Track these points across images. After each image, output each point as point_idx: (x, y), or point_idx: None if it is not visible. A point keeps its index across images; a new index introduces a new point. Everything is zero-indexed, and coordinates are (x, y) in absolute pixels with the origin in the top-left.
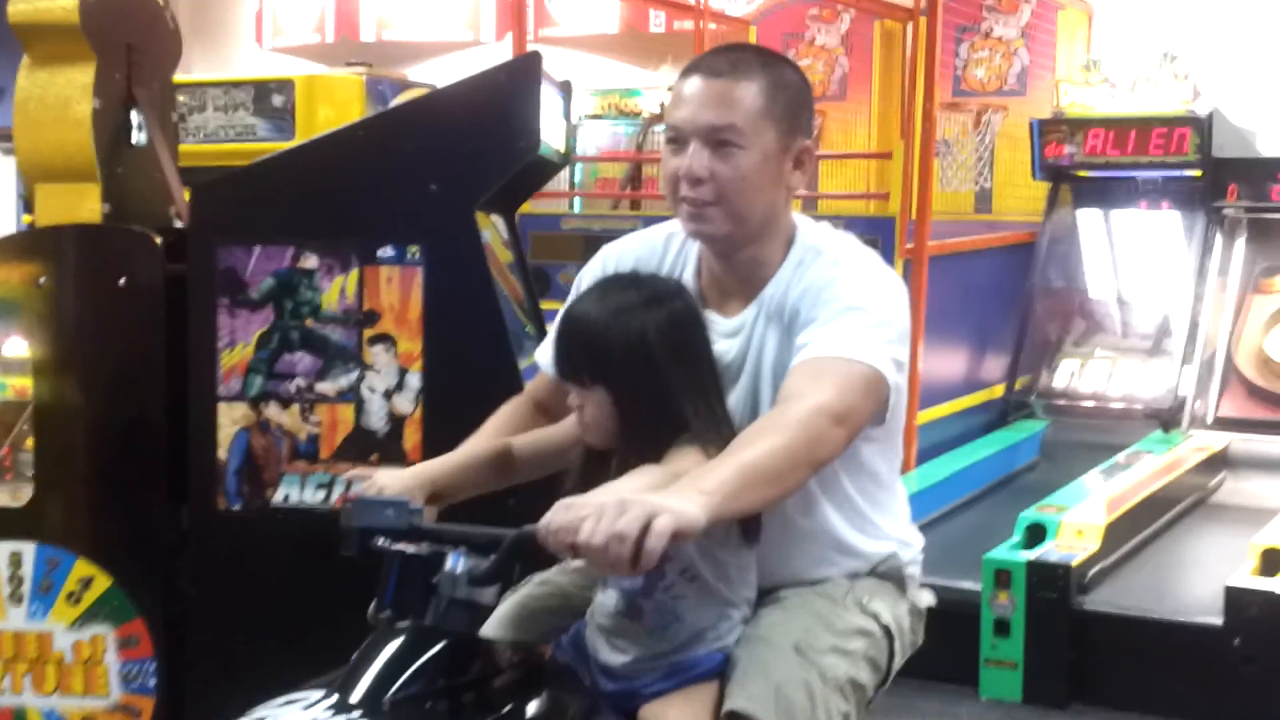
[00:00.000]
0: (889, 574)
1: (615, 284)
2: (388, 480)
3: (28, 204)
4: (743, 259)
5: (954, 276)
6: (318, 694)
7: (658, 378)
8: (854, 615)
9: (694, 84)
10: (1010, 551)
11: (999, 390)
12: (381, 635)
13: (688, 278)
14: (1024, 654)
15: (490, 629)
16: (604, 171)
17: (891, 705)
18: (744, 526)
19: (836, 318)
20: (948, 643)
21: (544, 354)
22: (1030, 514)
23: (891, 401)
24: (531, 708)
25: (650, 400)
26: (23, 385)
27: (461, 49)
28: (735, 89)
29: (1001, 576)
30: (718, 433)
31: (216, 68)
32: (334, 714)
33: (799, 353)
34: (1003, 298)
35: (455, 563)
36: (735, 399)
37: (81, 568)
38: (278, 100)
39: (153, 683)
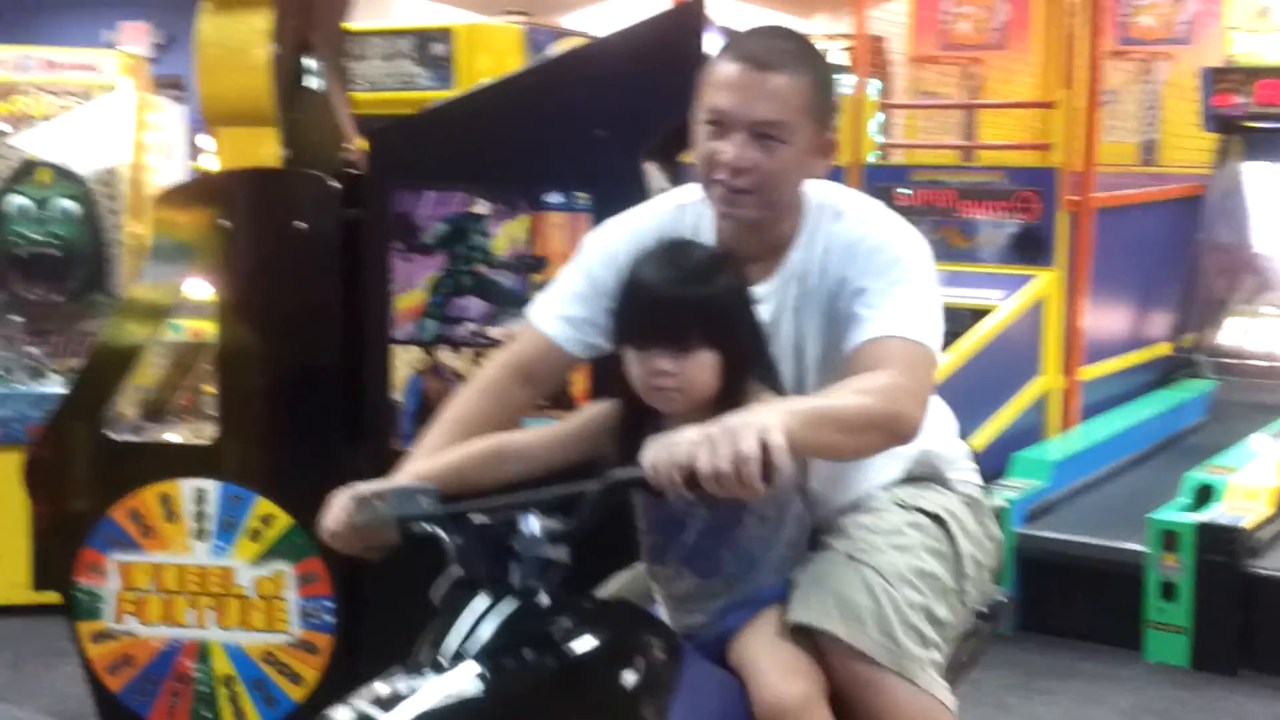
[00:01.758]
0: (925, 474)
1: (676, 250)
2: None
3: (196, 151)
4: (764, 233)
5: (1118, 230)
6: (399, 669)
7: (758, 335)
8: (895, 514)
9: (742, 73)
10: (1177, 513)
11: (1164, 348)
12: (459, 600)
13: (707, 241)
14: (1192, 618)
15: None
16: None
17: (1054, 667)
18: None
19: (891, 291)
20: (1110, 604)
21: (554, 324)
22: (1198, 474)
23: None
24: (622, 654)
25: (756, 357)
26: (198, 327)
27: None
28: (785, 84)
29: (1168, 538)
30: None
31: (379, 17)
32: (414, 677)
33: (862, 324)
34: (1169, 253)
35: (529, 524)
36: None
37: (262, 505)
38: (438, 49)
39: (330, 620)
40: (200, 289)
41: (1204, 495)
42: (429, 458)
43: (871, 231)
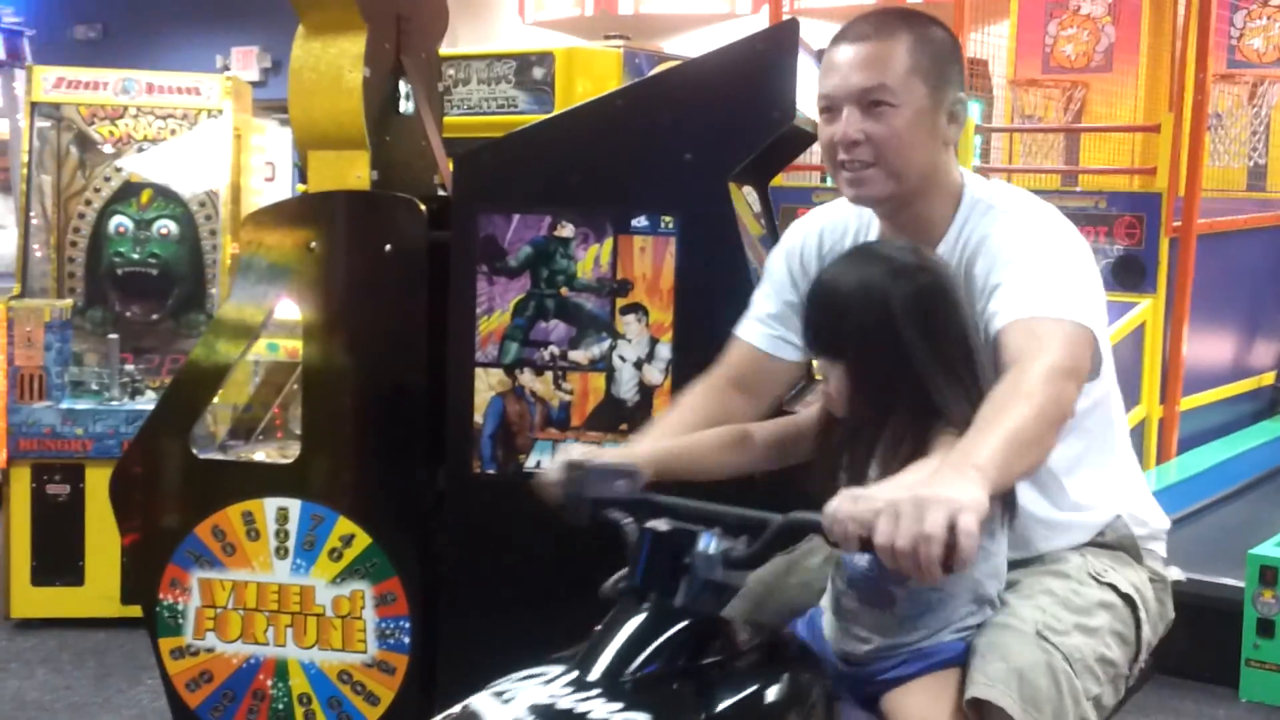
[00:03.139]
0: (1119, 544)
1: (862, 255)
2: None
3: (302, 173)
4: (909, 217)
5: (1223, 256)
6: (557, 669)
7: (900, 353)
8: (1091, 589)
9: (841, 51)
10: (1278, 548)
11: (1269, 378)
12: (624, 612)
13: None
14: None
15: (729, 605)
16: None
17: (1147, 704)
18: (1004, 502)
19: (1027, 277)
20: (1206, 641)
21: (750, 328)
22: None
23: (1100, 354)
24: (773, 691)
25: (889, 376)
26: (293, 346)
27: (718, 21)
28: (881, 49)
29: (1267, 574)
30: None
31: (481, 41)
32: (573, 691)
33: (998, 316)
34: (1274, 280)
35: (709, 543)
36: None
37: (343, 525)
38: (538, 73)
39: (407, 640)
40: (290, 309)
41: None
42: (651, 440)
43: (1018, 229)
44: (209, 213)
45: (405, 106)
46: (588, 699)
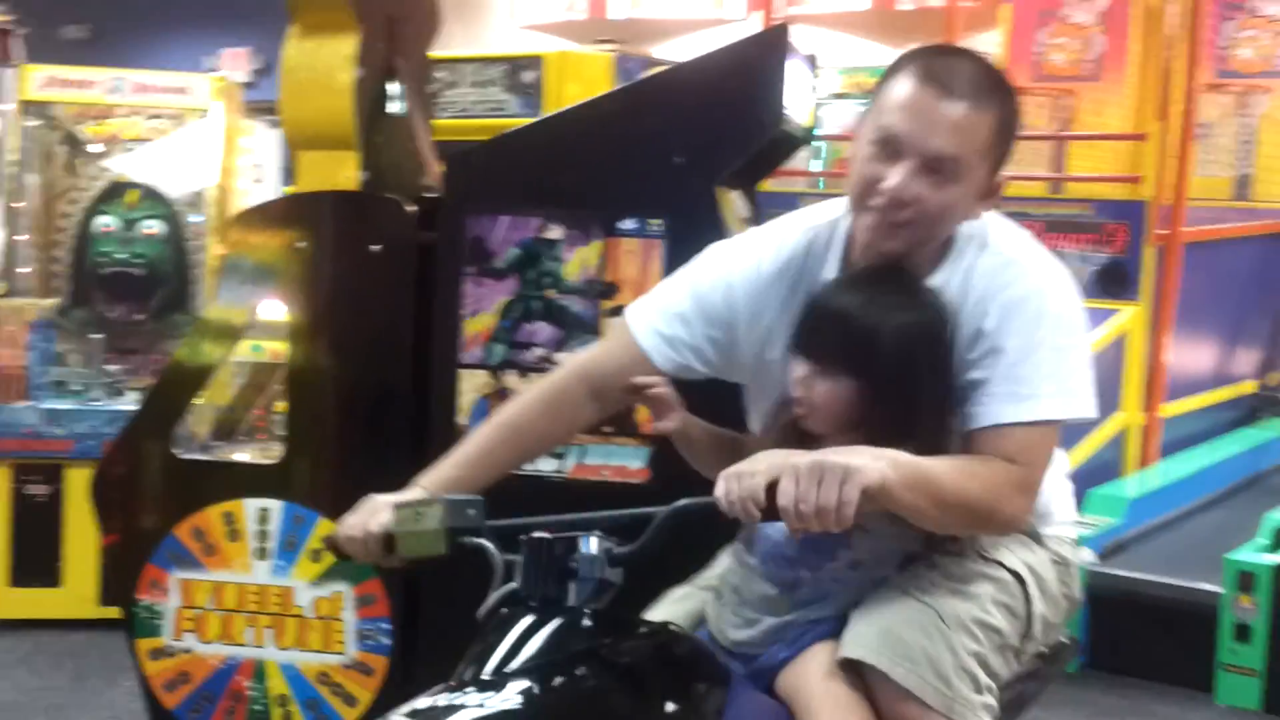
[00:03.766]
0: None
1: (876, 278)
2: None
3: (289, 175)
4: (907, 259)
5: (1208, 265)
6: (442, 684)
7: (909, 384)
8: (973, 563)
9: (925, 97)
10: (1255, 553)
11: (1250, 386)
12: (508, 616)
13: (832, 269)
14: (1266, 661)
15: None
16: (846, 151)
17: (1123, 708)
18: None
19: (1029, 356)
20: (1183, 645)
21: (643, 329)
22: (1278, 515)
23: None
24: (672, 682)
25: (896, 402)
26: (276, 348)
27: (709, 27)
28: (968, 116)
29: (1244, 579)
30: (938, 450)
31: (472, 44)
32: (449, 692)
33: (989, 402)
34: (1259, 289)
35: (589, 545)
36: None
37: (325, 526)
38: (528, 76)
39: (387, 642)
40: (276, 310)
41: None
42: (456, 466)
43: (1018, 275)
44: (197, 214)
45: (395, 108)
46: (464, 695)
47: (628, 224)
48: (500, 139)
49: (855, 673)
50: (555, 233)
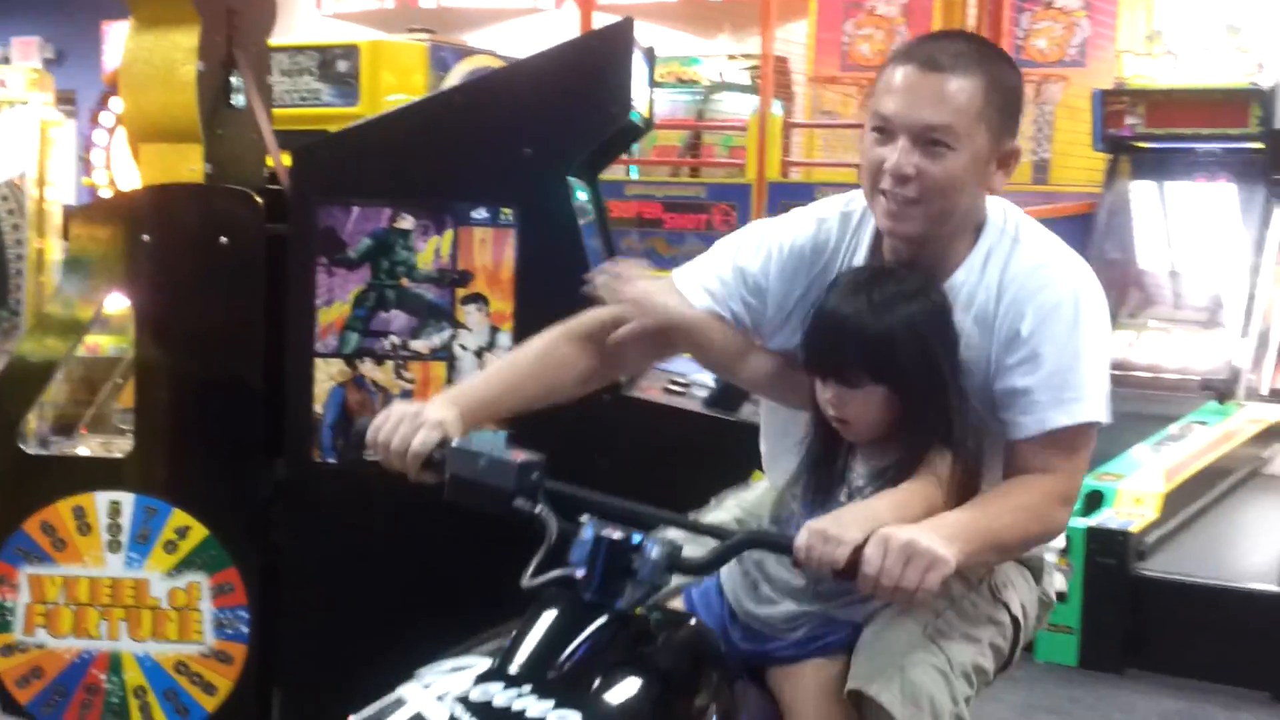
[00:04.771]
0: (1028, 560)
1: (870, 278)
2: (442, 417)
3: (87, 166)
4: (930, 248)
5: None
6: (483, 662)
7: (937, 375)
8: (986, 603)
9: (909, 75)
10: (1069, 518)
11: None
12: (548, 608)
13: (860, 259)
14: (1080, 619)
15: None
16: (661, 139)
17: None
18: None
19: (1066, 363)
20: None
21: (690, 288)
22: (1089, 481)
23: None
24: (689, 684)
25: (928, 399)
26: (98, 342)
27: (520, 16)
28: (955, 86)
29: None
30: (966, 442)
31: (279, 33)
32: (504, 686)
33: (1030, 410)
34: None
35: (653, 549)
36: None
37: (178, 518)
38: (343, 66)
39: (245, 630)
40: (115, 304)
41: (1094, 501)
42: (488, 386)
43: (1052, 277)
44: (12, 207)
45: (237, 100)
46: (520, 695)
47: (480, 214)
48: (350, 131)
49: (857, 701)
50: (407, 223)
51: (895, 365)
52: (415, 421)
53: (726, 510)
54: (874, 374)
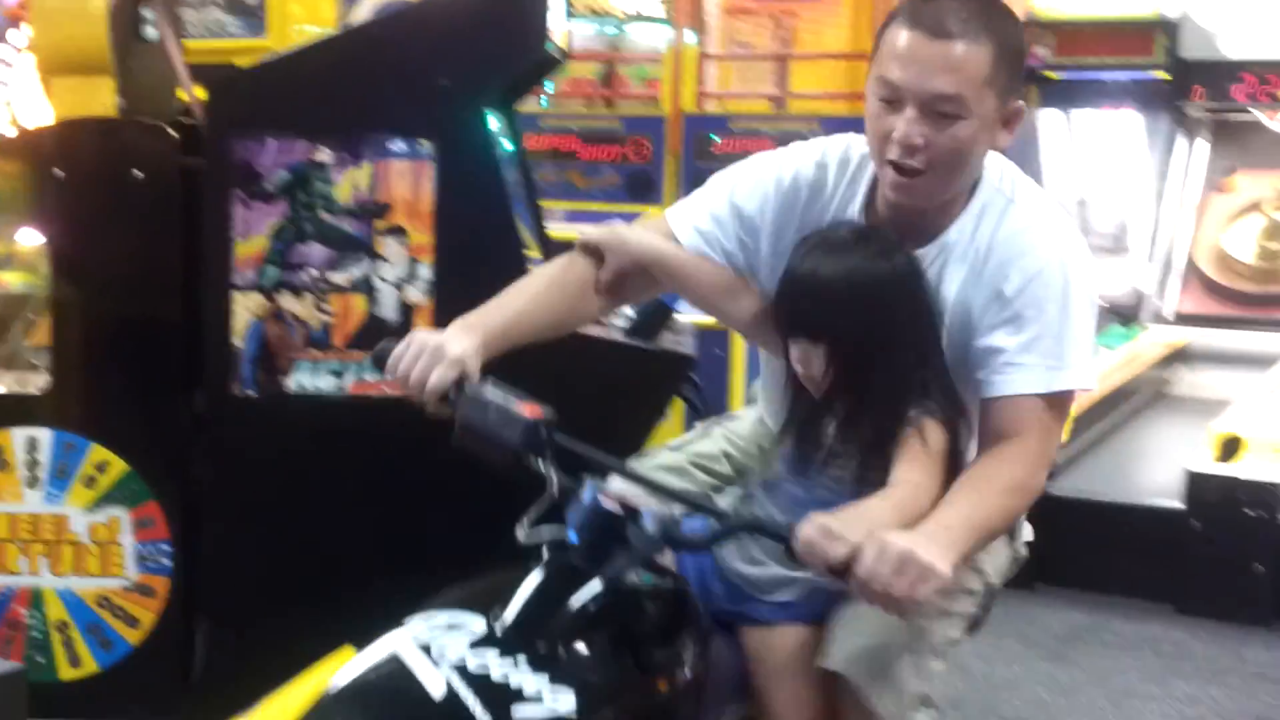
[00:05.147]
0: None
1: (836, 236)
2: (460, 353)
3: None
4: (928, 205)
5: None
6: (478, 623)
7: (891, 336)
8: (962, 574)
9: (917, 41)
10: None
11: None
12: (544, 572)
13: (854, 210)
14: None
15: (655, 474)
16: (575, 71)
17: None
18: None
19: (1047, 327)
20: None
21: (683, 225)
22: None
23: None
24: (674, 654)
25: (895, 360)
26: (23, 279)
27: None
28: (964, 54)
29: None
30: (952, 403)
31: None
32: (499, 654)
33: (1007, 371)
34: None
35: (649, 521)
36: None
37: (97, 452)
38: None
39: (168, 563)
40: (24, 239)
41: None
42: (503, 312)
43: (1038, 241)
44: None
45: (148, 32)
46: (516, 667)
47: (397, 146)
48: (266, 64)
49: (825, 673)
50: (324, 156)
51: (855, 323)
52: (435, 356)
53: (714, 441)
54: (832, 331)
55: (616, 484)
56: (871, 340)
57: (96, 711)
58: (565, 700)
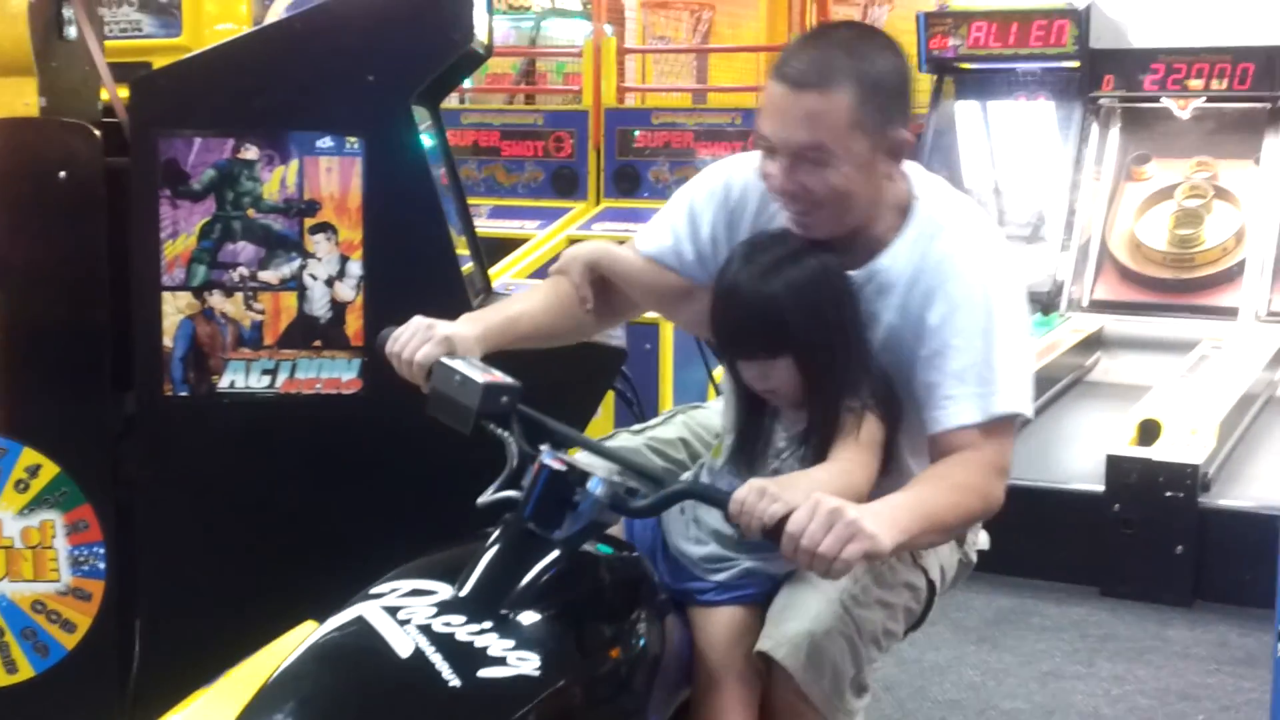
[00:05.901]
0: None
1: (763, 248)
2: (452, 333)
3: None
4: (850, 235)
5: None
6: (443, 588)
7: (834, 334)
8: (905, 568)
9: (779, 94)
10: None
11: None
12: (506, 540)
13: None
14: None
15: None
16: (494, 67)
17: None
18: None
19: (981, 354)
20: None
21: (648, 243)
22: None
23: None
24: (631, 623)
25: (832, 359)
26: None
27: None
28: (822, 103)
29: None
30: (886, 398)
31: None
32: (465, 620)
33: (949, 405)
34: None
35: (597, 486)
36: None
37: (28, 456)
38: None
39: (102, 566)
40: None
41: None
42: (504, 313)
43: (963, 268)
44: None
45: (69, 31)
46: (482, 631)
47: (325, 142)
48: (189, 60)
49: (765, 660)
50: (251, 153)
51: (792, 333)
52: (425, 334)
53: (674, 427)
54: (778, 346)
55: (573, 454)
56: (823, 342)
57: (33, 717)
58: (530, 663)
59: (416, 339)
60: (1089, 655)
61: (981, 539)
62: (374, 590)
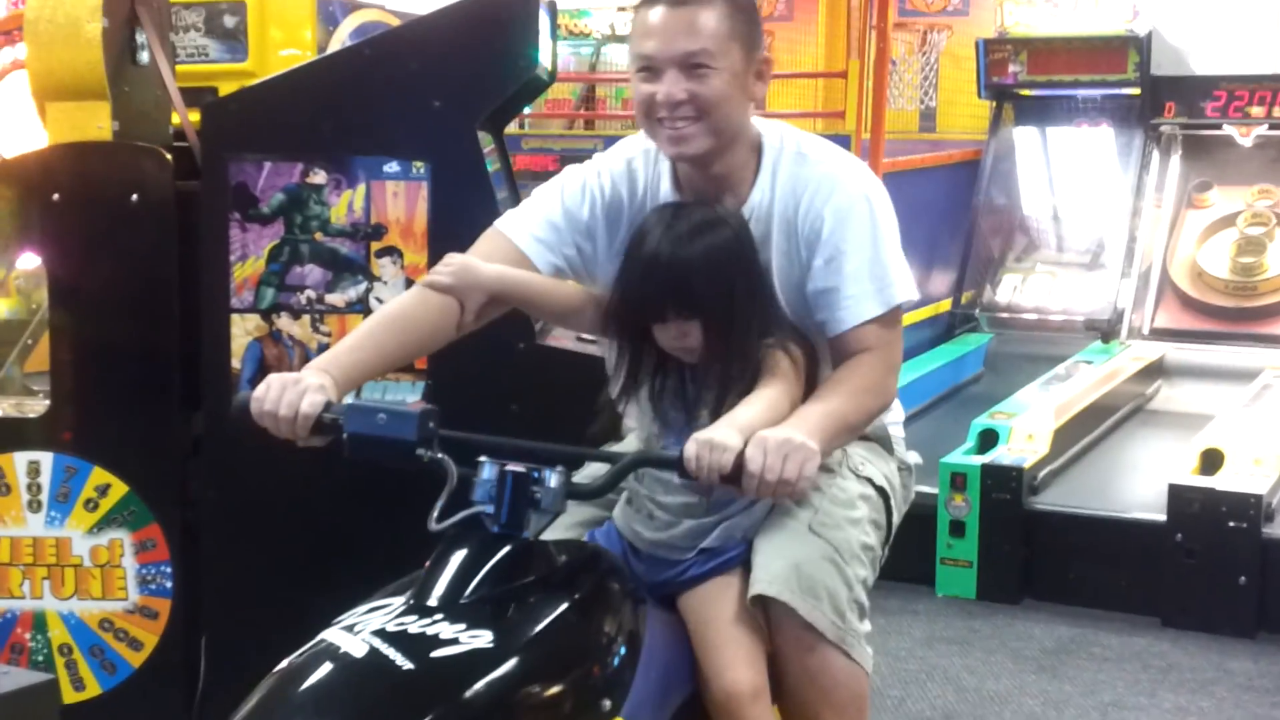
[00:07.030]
0: (874, 434)
1: (679, 217)
2: (322, 381)
3: None
4: (719, 169)
5: (903, 194)
6: (398, 600)
7: (748, 288)
8: (851, 483)
9: (659, 13)
10: (965, 456)
11: (945, 305)
12: (458, 543)
13: (665, 191)
14: (978, 553)
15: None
16: (554, 92)
17: None
18: None
19: (868, 255)
20: (907, 544)
21: (521, 234)
22: (983, 420)
23: None
24: (593, 602)
25: (752, 310)
26: (8, 305)
27: None
28: (700, 15)
29: (957, 480)
30: (793, 332)
31: None
32: (417, 617)
33: (843, 306)
34: (948, 215)
35: (551, 478)
36: None
37: (98, 475)
38: (230, 21)
39: (169, 585)
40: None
41: (989, 439)
42: (351, 351)
43: (841, 182)
44: None
45: (142, 56)
46: (435, 622)
47: (392, 167)
48: (260, 85)
49: (760, 608)
50: (319, 177)
51: (722, 290)
52: (298, 388)
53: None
54: (706, 304)
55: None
56: (736, 298)
57: None
58: (482, 639)
59: (290, 393)
60: (1151, 686)
61: (913, 456)
62: (335, 620)
